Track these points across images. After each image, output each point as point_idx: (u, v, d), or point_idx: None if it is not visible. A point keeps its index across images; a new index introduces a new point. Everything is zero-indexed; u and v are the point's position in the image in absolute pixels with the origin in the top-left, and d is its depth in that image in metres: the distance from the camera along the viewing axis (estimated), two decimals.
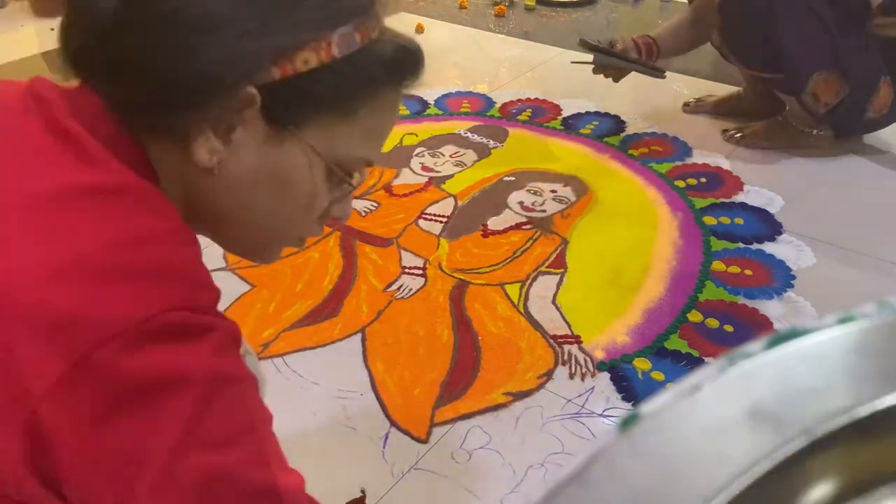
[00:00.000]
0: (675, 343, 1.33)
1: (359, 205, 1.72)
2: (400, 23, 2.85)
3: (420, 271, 1.51)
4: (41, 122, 0.51)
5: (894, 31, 1.72)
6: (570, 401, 1.21)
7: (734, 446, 0.22)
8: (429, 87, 2.30)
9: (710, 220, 1.67)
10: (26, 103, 0.53)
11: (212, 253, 1.71)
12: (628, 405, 1.21)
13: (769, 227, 1.65)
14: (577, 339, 1.34)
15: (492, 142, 2.00)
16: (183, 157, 0.54)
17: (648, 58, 1.94)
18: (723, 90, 2.20)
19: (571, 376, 1.26)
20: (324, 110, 0.56)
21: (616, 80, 1.96)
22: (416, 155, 1.93)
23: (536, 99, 2.23)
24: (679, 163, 1.90)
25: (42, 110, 0.52)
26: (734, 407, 0.23)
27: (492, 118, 2.13)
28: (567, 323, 1.37)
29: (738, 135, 1.97)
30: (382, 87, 0.58)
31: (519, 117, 2.13)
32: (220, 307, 0.54)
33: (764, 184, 1.80)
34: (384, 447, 1.14)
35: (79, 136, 0.50)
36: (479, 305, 1.42)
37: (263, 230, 0.62)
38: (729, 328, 1.36)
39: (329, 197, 0.61)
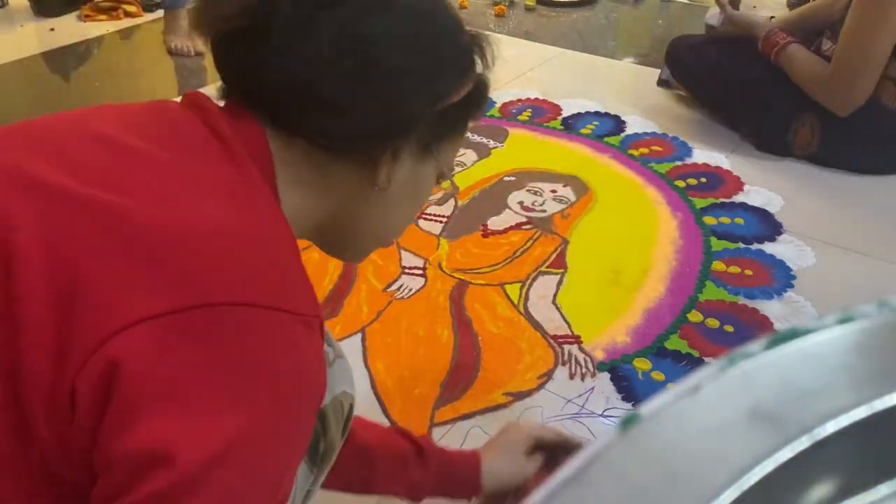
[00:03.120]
0: (675, 343, 1.33)
1: None
2: None
3: (420, 271, 1.51)
4: (204, 125, 0.59)
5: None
6: (570, 401, 1.21)
7: (734, 446, 0.22)
8: None
9: (710, 220, 1.67)
10: (188, 109, 0.61)
11: None
12: (628, 405, 1.21)
13: (769, 227, 1.65)
14: (577, 339, 1.34)
15: (492, 142, 2.00)
16: (360, 177, 0.64)
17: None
18: None
19: (571, 376, 1.26)
20: (452, 135, 0.69)
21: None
22: None
23: (536, 99, 2.23)
24: (679, 163, 1.90)
25: (203, 116, 0.60)
26: (734, 407, 0.23)
27: (492, 118, 2.13)
28: (567, 323, 1.37)
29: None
30: (477, 111, 0.71)
31: (519, 117, 2.13)
32: None
33: (764, 184, 1.80)
34: None
35: (230, 140, 0.58)
36: (479, 305, 1.42)
37: (386, 234, 0.75)
38: (729, 328, 1.36)
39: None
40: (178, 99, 0.64)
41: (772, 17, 2.17)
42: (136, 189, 0.53)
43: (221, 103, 0.64)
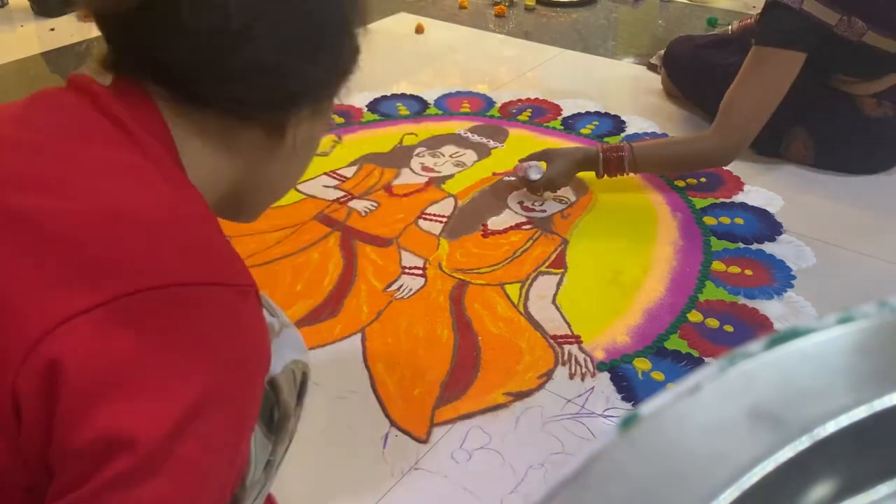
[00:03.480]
0: (675, 343, 1.33)
1: (359, 205, 1.72)
2: (400, 23, 2.85)
3: (420, 271, 1.51)
4: (95, 109, 0.58)
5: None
6: (570, 401, 1.21)
7: (734, 446, 0.22)
8: (429, 87, 2.30)
9: (710, 220, 1.67)
10: (76, 95, 0.60)
11: None
12: (628, 405, 1.21)
13: (769, 227, 1.65)
14: (577, 339, 1.34)
15: (492, 142, 2.00)
16: (269, 140, 0.65)
17: None
18: None
19: (571, 376, 1.26)
20: (336, 93, 0.70)
21: None
22: (416, 155, 1.93)
23: (536, 99, 2.23)
24: None
25: (92, 99, 0.59)
26: (734, 407, 0.23)
27: (492, 118, 2.13)
28: (567, 323, 1.37)
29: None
30: (353, 69, 0.72)
31: (519, 117, 2.13)
32: None
33: (764, 184, 1.80)
34: (384, 447, 1.14)
35: (126, 120, 0.57)
36: (479, 305, 1.42)
37: (284, 190, 0.75)
38: (729, 328, 1.36)
39: None
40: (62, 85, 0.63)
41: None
42: (43, 186, 0.53)
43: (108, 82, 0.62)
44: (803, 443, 0.22)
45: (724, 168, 1.85)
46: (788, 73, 1.63)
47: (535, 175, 1.70)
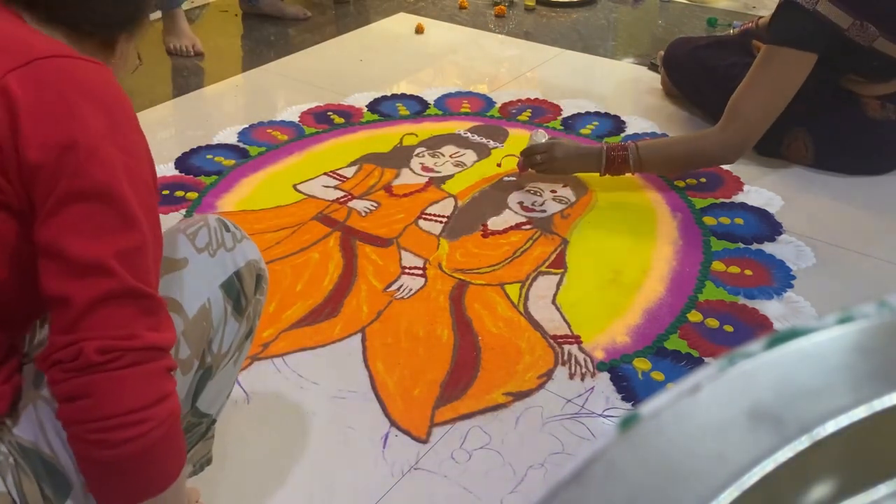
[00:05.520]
0: (675, 343, 1.33)
1: (359, 205, 1.72)
2: (400, 23, 2.85)
3: (420, 271, 1.51)
4: None
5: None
6: (570, 401, 1.21)
7: (734, 446, 0.22)
8: (429, 87, 2.30)
9: (709, 221, 1.67)
10: None
11: None
12: (628, 405, 1.21)
13: (769, 227, 1.65)
14: (577, 339, 1.34)
15: (492, 142, 2.00)
16: (102, 54, 0.82)
17: None
18: None
19: (571, 376, 1.26)
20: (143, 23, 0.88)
21: None
22: (416, 155, 1.93)
23: (536, 99, 2.23)
24: None
25: None
26: (734, 407, 0.23)
27: (492, 118, 2.13)
28: (567, 323, 1.37)
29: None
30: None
31: (519, 117, 2.13)
32: None
33: (763, 184, 1.80)
34: (384, 447, 1.14)
35: (5, 14, 0.77)
36: (479, 305, 1.42)
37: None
38: (729, 328, 1.36)
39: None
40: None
41: (761, 17, 2.18)
42: None
43: None
44: (803, 443, 0.22)
45: (725, 168, 1.85)
46: (798, 73, 1.63)
47: (540, 138, 1.74)
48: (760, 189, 1.78)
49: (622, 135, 2.03)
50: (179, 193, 1.77)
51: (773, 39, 1.66)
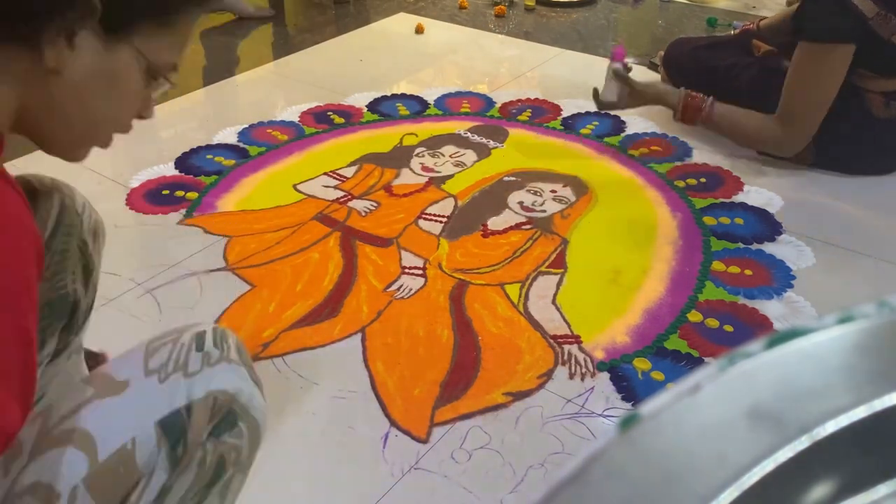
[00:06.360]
0: (675, 343, 1.33)
1: (359, 205, 1.72)
2: (400, 23, 2.85)
3: (420, 271, 1.51)
4: None
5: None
6: (570, 401, 1.21)
7: (734, 446, 0.22)
8: (429, 87, 2.31)
9: (709, 220, 1.67)
10: None
11: (211, 253, 1.70)
12: (628, 405, 1.21)
13: (769, 227, 1.65)
14: (577, 339, 1.34)
15: (492, 142, 2.00)
16: (31, 60, 0.62)
17: None
18: None
19: (571, 376, 1.26)
20: (147, 20, 0.67)
21: None
22: (416, 155, 1.93)
23: (536, 99, 2.23)
24: (679, 163, 1.90)
25: None
26: (734, 407, 0.23)
27: (492, 118, 2.13)
28: (567, 323, 1.37)
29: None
30: (192, 6, 0.70)
31: (519, 117, 2.13)
32: (220, 307, 0.55)
33: (763, 184, 1.80)
34: (384, 447, 1.14)
35: None
36: (479, 305, 1.42)
37: (90, 126, 0.71)
38: (729, 328, 1.36)
39: (143, 96, 0.72)
40: None
41: (762, 18, 2.19)
42: None
43: None
44: (803, 443, 0.22)
45: (724, 168, 1.85)
46: (843, 66, 1.68)
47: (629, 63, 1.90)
48: (760, 189, 1.78)
49: (622, 135, 2.03)
50: (179, 193, 1.77)
51: (809, 35, 1.68)
